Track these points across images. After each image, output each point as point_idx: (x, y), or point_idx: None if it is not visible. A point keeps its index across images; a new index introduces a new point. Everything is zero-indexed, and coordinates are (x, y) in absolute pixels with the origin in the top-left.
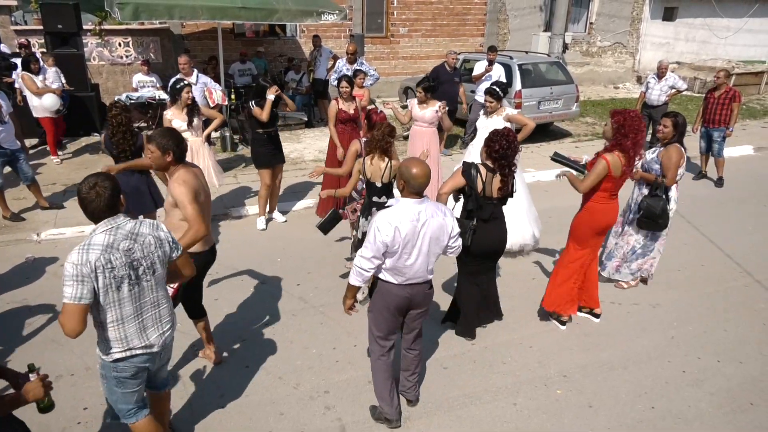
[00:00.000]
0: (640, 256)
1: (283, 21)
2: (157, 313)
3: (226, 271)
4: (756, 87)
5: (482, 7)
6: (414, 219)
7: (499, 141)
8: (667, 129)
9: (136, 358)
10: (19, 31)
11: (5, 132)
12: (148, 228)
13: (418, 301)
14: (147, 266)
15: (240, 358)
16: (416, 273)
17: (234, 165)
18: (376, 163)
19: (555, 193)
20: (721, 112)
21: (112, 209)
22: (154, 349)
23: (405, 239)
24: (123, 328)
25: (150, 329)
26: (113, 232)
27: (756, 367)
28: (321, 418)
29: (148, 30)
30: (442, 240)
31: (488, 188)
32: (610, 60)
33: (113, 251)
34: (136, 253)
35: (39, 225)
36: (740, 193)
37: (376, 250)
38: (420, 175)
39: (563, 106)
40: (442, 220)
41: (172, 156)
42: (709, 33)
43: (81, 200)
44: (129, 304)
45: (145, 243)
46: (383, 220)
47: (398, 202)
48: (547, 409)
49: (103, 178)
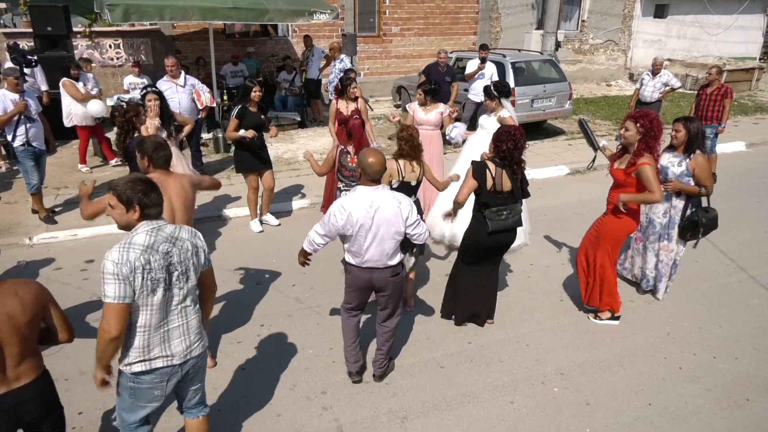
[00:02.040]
0: (677, 265)
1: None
2: (185, 324)
3: (221, 273)
4: (747, 83)
5: (474, 5)
6: (368, 205)
7: (506, 141)
8: (681, 134)
9: (156, 372)
10: (8, 34)
11: (35, 129)
12: (187, 234)
13: (380, 286)
14: (181, 272)
15: (236, 360)
16: (373, 257)
17: (227, 166)
18: (410, 167)
19: (548, 191)
20: (713, 108)
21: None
22: (175, 360)
23: (358, 224)
24: (148, 335)
25: (175, 340)
26: (154, 233)
27: (751, 362)
28: (318, 418)
29: (139, 31)
30: (398, 227)
31: (498, 182)
32: (602, 57)
33: (153, 252)
34: (173, 257)
35: (31, 229)
36: (733, 189)
37: (327, 231)
38: (375, 163)
39: (556, 104)
40: (396, 208)
41: (147, 161)
42: (700, 30)
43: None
44: (159, 311)
45: (184, 248)
46: (338, 205)
47: (356, 189)
48: (545, 406)
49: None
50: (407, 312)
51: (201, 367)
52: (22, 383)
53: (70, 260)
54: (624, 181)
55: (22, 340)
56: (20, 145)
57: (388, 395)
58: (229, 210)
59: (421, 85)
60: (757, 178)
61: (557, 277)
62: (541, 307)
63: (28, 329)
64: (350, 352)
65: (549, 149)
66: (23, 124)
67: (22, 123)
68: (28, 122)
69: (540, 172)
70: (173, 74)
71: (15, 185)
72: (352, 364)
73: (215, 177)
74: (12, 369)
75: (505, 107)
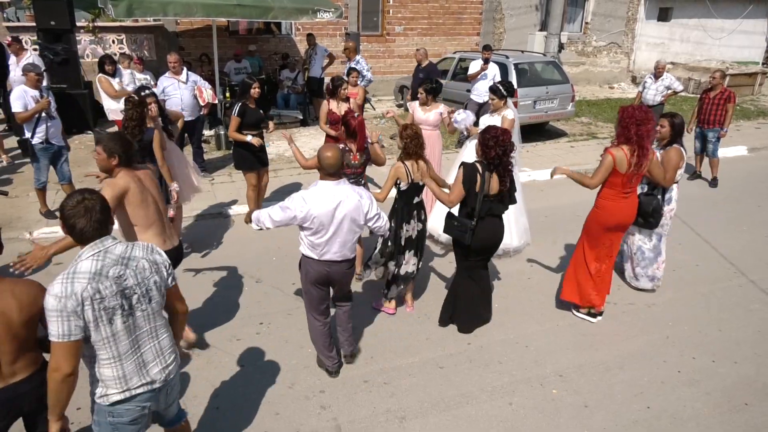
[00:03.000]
0: (652, 260)
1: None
2: (157, 345)
3: (221, 270)
4: (750, 88)
5: (478, 6)
6: (329, 199)
7: (494, 148)
8: (665, 129)
9: (136, 399)
10: (11, 28)
11: (54, 128)
12: (141, 251)
13: (337, 279)
14: (141, 294)
15: (235, 358)
16: (333, 249)
17: (228, 163)
18: (416, 166)
19: (550, 193)
20: (716, 112)
21: (101, 230)
22: (156, 385)
23: (320, 217)
24: (121, 365)
25: (151, 363)
26: (101, 257)
27: (751, 367)
28: (317, 417)
29: (142, 27)
30: (358, 220)
31: (486, 185)
32: (605, 60)
33: (102, 279)
34: (128, 280)
35: (31, 224)
36: (734, 193)
37: (282, 219)
38: (332, 157)
39: (559, 106)
40: (357, 201)
41: (117, 161)
42: (704, 34)
43: (66, 218)
44: (125, 338)
45: (139, 268)
46: (299, 196)
47: (317, 186)
48: (543, 408)
49: (90, 192)
50: (406, 313)
51: (177, 382)
52: (18, 378)
53: (70, 255)
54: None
55: (17, 339)
56: (39, 143)
57: (387, 395)
58: (229, 208)
59: (422, 84)
60: (758, 182)
61: (557, 279)
62: (541, 308)
63: (23, 329)
64: (327, 354)
65: (551, 151)
66: (44, 122)
67: (42, 121)
68: (49, 120)
69: (542, 174)
70: (176, 71)
71: (16, 180)
72: (331, 363)
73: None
74: (7, 366)
75: (509, 107)
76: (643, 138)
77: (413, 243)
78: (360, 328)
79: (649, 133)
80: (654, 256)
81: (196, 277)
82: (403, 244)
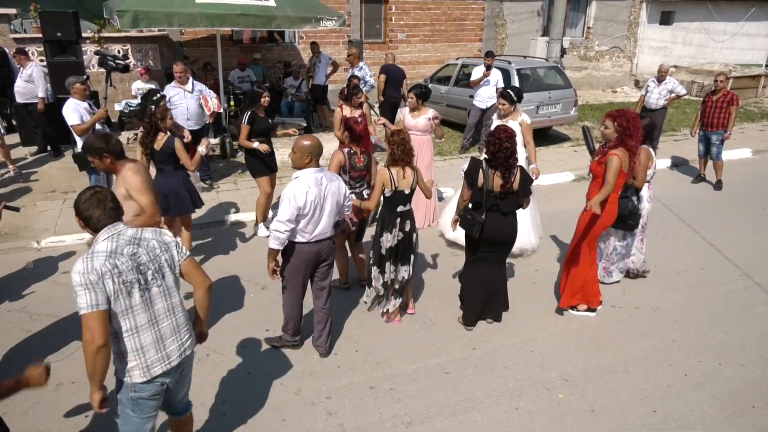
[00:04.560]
0: (624, 256)
1: (282, 27)
2: (174, 322)
3: (227, 278)
4: (753, 90)
5: (480, 12)
6: (318, 184)
7: (492, 143)
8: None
9: (156, 380)
10: (18, 39)
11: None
12: (151, 233)
13: (325, 255)
14: (155, 270)
15: (241, 364)
16: (322, 229)
17: (233, 171)
18: (402, 173)
19: (553, 198)
20: (719, 115)
21: (114, 216)
22: (174, 361)
23: (315, 201)
24: (138, 337)
25: (168, 339)
26: (115, 239)
27: (757, 370)
28: (323, 423)
29: (147, 37)
30: (340, 201)
31: (489, 182)
32: (607, 64)
33: (118, 256)
34: (141, 257)
35: (39, 233)
36: (739, 196)
37: (291, 215)
38: (316, 143)
39: (562, 111)
40: (337, 183)
41: (109, 156)
42: (706, 37)
43: (81, 210)
44: (142, 312)
45: (150, 247)
46: (295, 188)
47: (302, 174)
48: (549, 413)
49: (100, 187)
50: (410, 316)
51: (191, 364)
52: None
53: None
54: (596, 172)
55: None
56: None
57: (393, 401)
58: (234, 215)
59: (412, 89)
60: (763, 185)
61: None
62: (546, 312)
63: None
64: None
65: (554, 155)
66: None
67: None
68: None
69: (545, 179)
70: (181, 80)
71: (23, 189)
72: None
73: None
74: None
75: (522, 112)
76: (639, 144)
77: (392, 253)
78: (365, 334)
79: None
80: (627, 252)
81: None
82: (383, 253)
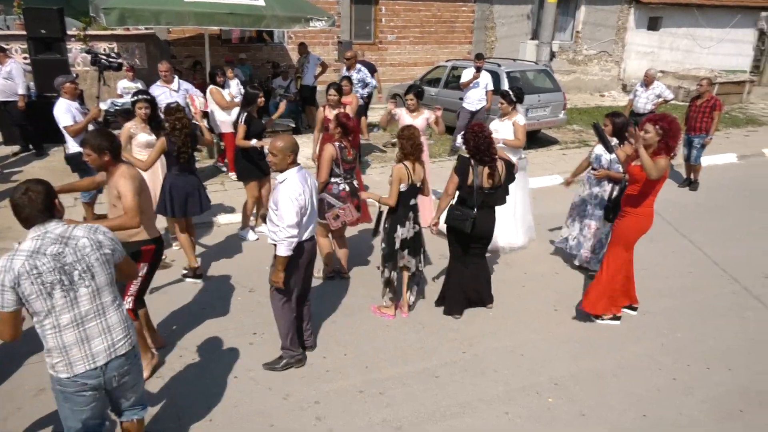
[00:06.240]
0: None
1: (271, 27)
2: (103, 322)
3: (214, 280)
4: (738, 96)
5: (470, 14)
6: (305, 181)
7: (471, 139)
8: (608, 128)
9: (79, 377)
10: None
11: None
12: (83, 231)
13: (314, 251)
14: (82, 270)
15: (228, 368)
16: (311, 224)
17: (220, 172)
18: (413, 167)
19: (543, 201)
20: (702, 119)
21: (46, 214)
22: (99, 361)
23: (309, 199)
24: (60, 336)
25: (95, 339)
26: (41, 238)
27: (745, 374)
28: (312, 428)
29: (134, 35)
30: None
31: (479, 178)
32: (596, 68)
33: (39, 256)
34: (67, 257)
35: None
36: (725, 201)
37: (297, 215)
38: (294, 140)
39: (551, 114)
40: (312, 179)
41: (109, 155)
42: (693, 42)
43: (13, 206)
44: (65, 312)
45: (79, 246)
46: (293, 190)
47: (290, 174)
48: (539, 417)
49: (35, 183)
50: (401, 322)
51: (132, 365)
52: None
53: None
54: (639, 176)
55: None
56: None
57: (382, 405)
58: (221, 217)
59: (410, 91)
60: (748, 189)
61: (551, 286)
62: (536, 316)
63: None
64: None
65: (543, 159)
66: None
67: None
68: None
69: (534, 182)
70: (167, 79)
71: (3, 189)
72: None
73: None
74: None
75: (519, 113)
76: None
77: (409, 243)
78: (354, 337)
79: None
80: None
81: (188, 287)
82: (398, 245)
